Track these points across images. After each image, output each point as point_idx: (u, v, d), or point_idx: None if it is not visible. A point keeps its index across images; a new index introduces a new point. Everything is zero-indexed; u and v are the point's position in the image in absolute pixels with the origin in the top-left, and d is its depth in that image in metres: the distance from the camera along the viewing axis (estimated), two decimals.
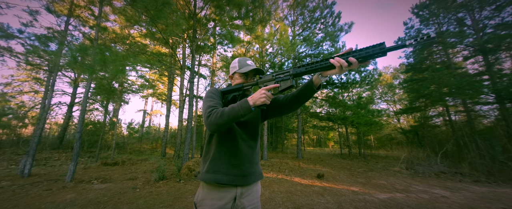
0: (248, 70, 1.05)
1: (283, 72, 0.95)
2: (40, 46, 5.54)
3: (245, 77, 1.09)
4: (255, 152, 1.06)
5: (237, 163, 0.96)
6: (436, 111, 12.33)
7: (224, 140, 0.98)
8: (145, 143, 14.13)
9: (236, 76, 1.11)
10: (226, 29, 6.82)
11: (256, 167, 1.04)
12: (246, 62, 1.08)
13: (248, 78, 1.09)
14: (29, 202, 3.15)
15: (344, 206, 3.23)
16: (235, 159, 0.96)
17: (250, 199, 0.98)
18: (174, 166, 5.78)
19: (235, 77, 1.12)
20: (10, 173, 5.26)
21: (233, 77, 1.14)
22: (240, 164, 0.96)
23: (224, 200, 0.92)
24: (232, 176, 0.94)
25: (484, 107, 9.13)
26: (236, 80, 1.11)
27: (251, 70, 1.06)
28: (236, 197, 0.94)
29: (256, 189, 1.02)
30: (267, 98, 0.83)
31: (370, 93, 14.76)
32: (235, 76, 1.12)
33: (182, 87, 8.41)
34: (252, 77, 1.10)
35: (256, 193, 1.03)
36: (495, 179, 5.43)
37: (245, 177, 0.96)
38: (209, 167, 0.96)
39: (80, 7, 6.61)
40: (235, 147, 0.97)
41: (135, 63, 5.63)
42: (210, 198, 0.92)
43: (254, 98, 0.84)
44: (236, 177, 0.94)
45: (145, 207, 3.02)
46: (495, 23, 8.65)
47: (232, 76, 1.14)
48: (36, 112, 10.46)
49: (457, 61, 11.27)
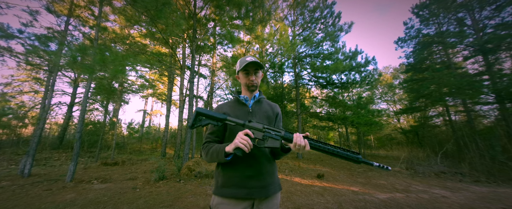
0: (245, 65, 1.01)
1: (274, 129, 0.88)
2: (40, 46, 5.54)
3: (246, 74, 1.06)
4: (273, 162, 1.03)
5: (254, 174, 0.93)
6: (436, 111, 12.33)
7: None
8: (145, 143, 14.12)
9: (240, 75, 1.09)
10: (226, 29, 6.83)
11: (274, 177, 1.01)
12: (246, 58, 1.03)
13: (249, 75, 1.05)
14: (29, 202, 3.15)
15: (344, 206, 3.23)
16: (252, 170, 0.93)
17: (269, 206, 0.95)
18: (174, 166, 5.78)
19: (240, 77, 1.11)
20: (10, 173, 5.26)
21: (239, 77, 1.12)
22: (257, 175, 0.93)
23: (241, 205, 0.90)
24: (250, 188, 0.91)
25: (484, 107, 9.13)
26: (242, 80, 1.09)
27: (250, 64, 1.02)
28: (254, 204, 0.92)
29: (275, 202, 0.98)
30: (246, 146, 0.78)
31: (370, 93, 14.77)
32: (240, 76, 1.10)
33: (182, 87, 8.40)
34: (254, 72, 1.05)
35: (275, 206, 0.98)
36: (495, 179, 5.43)
37: (264, 189, 0.93)
38: (224, 181, 0.93)
39: (80, 7, 6.61)
40: (252, 157, 0.94)
41: (135, 63, 5.63)
42: (226, 203, 0.90)
43: (232, 143, 0.81)
44: (254, 190, 0.91)
45: (145, 207, 3.02)
46: (495, 23, 8.66)
47: (239, 77, 1.13)
48: (36, 112, 10.46)
49: (457, 61, 11.27)
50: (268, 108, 1.13)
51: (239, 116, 1.01)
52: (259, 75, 1.08)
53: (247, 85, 1.07)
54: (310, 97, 13.64)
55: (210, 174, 5.04)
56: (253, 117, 1.04)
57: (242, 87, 1.14)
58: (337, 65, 8.62)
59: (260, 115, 1.07)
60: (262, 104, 1.13)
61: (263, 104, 1.14)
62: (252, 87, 1.06)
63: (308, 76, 11.25)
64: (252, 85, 1.06)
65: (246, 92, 1.11)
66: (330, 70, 8.83)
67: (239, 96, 1.11)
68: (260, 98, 1.13)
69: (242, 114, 1.04)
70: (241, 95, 1.12)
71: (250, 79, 1.05)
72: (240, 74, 1.09)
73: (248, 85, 1.07)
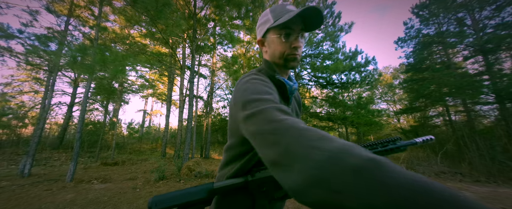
0: (291, 18, 0.52)
1: None
2: (40, 46, 5.55)
3: (287, 35, 0.56)
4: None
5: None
6: (436, 111, 12.33)
7: None
8: (145, 143, 14.13)
9: (271, 37, 0.59)
10: (225, 29, 6.83)
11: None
12: (286, 7, 0.58)
13: (291, 38, 0.56)
14: (29, 202, 3.15)
15: None
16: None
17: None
18: (174, 166, 5.78)
19: (269, 41, 0.60)
20: (10, 173, 5.26)
21: (265, 42, 0.62)
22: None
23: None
24: None
25: (484, 107, 9.13)
26: (274, 46, 0.59)
27: (296, 17, 0.53)
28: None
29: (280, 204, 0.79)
30: None
31: (370, 93, 14.78)
32: (270, 39, 0.59)
33: (182, 87, 8.41)
34: (299, 35, 0.57)
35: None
36: (495, 179, 5.42)
37: None
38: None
39: (80, 7, 6.62)
40: None
41: (135, 63, 5.63)
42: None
43: None
44: None
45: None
46: (495, 23, 8.67)
47: (263, 41, 0.63)
48: (36, 112, 10.47)
49: (457, 61, 11.26)
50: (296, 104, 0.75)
51: None
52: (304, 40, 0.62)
53: (286, 56, 0.58)
54: (310, 97, 13.64)
55: (210, 174, 5.04)
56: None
57: (270, 58, 0.62)
58: (337, 65, 8.63)
59: (294, 113, 0.72)
60: (295, 95, 0.74)
61: (296, 96, 0.75)
62: (294, 61, 0.59)
63: (308, 76, 11.25)
64: (294, 58, 0.58)
65: (280, 70, 0.62)
66: (330, 70, 8.83)
67: (283, 79, 0.61)
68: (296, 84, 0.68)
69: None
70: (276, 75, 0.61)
71: (293, 46, 0.57)
72: (272, 36, 0.59)
73: (288, 58, 0.58)
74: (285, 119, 0.35)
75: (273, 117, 0.37)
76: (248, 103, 0.44)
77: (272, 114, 0.38)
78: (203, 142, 9.79)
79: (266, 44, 0.62)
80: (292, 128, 0.32)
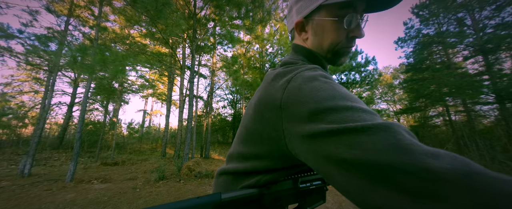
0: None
1: None
2: (40, 46, 5.56)
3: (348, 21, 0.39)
4: None
5: None
6: (436, 111, 12.33)
7: None
8: (145, 143, 14.13)
9: (324, 19, 0.41)
10: (225, 29, 6.84)
11: None
12: None
13: (353, 23, 0.40)
14: (29, 202, 3.15)
15: (344, 206, 3.23)
16: None
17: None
18: (174, 166, 5.79)
19: (318, 24, 0.42)
20: (10, 173, 5.26)
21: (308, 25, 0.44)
22: None
23: None
24: None
25: (484, 107, 9.14)
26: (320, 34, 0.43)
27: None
28: None
29: None
30: None
31: (370, 93, 14.76)
32: (319, 21, 0.42)
33: (182, 87, 8.41)
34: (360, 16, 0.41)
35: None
36: None
37: None
38: None
39: (80, 7, 6.62)
40: None
41: (135, 63, 5.63)
42: None
43: None
44: None
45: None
46: (495, 23, 8.67)
47: (304, 24, 0.45)
48: (36, 112, 10.47)
49: (457, 61, 11.27)
50: None
51: None
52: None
53: (339, 49, 0.43)
54: None
55: (210, 174, 5.04)
56: None
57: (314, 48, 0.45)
58: None
59: None
60: None
61: None
62: (346, 57, 0.45)
63: None
64: (348, 53, 0.44)
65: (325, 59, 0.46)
66: (330, 70, 8.83)
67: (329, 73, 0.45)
68: None
69: None
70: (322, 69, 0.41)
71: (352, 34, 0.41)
72: (324, 16, 0.41)
73: (341, 52, 0.43)
74: (436, 151, 0.21)
75: (406, 141, 0.22)
76: (333, 110, 0.28)
77: (402, 136, 0.23)
78: (203, 142, 9.79)
79: (312, 27, 0.43)
80: (459, 170, 0.18)
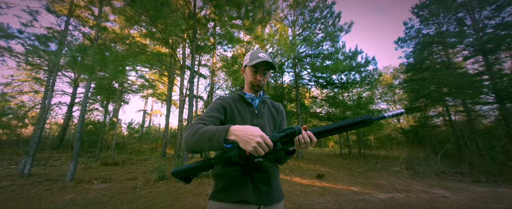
0: (257, 62, 0.89)
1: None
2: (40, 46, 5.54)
3: (255, 72, 0.94)
4: (277, 166, 0.94)
5: (264, 178, 0.84)
6: (436, 111, 12.33)
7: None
8: (145, 143, 14.13)
9: (247, 70, 0.97)
10: (225, 29, 6.83)
11: (279, 184, 0.93)
12: (258, 54, 0.92)
13: (258, 74, 0.94)
14: (29, 202, 3.15)
15: (344, 206, 3.23)
16: (262, 173, 0.84)
17: None
18: (174, 166, 5.78)
19: (246, 72, 0.99)
20: (10, 173, 5.26)
21: (245, 71, 1.01)
22: (266, 179, 0.85)
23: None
24: (259, 194, 0.81)
25: (484, 107, 9.15)
26: (247, 76, 0.98)
27: (261, 63, 0.90)
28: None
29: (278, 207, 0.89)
30: (258, 149, 0.57)
31: (370, 93, 14.77)
32: (246, 71, 0.98)
33: (182, 87, 8.40)
34: (263, 72, 0.94)
35: None
36: (495, 179, 5.42)
37: (269, 195, 0.84)
38: (227, 184, 0.80)
39: (80, 7, 6.61)
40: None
41: (135, 63, 5.63)
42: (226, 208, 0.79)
43: (241, 137, 0.60)
44: (263, 195, 0.82)
45: (145, 207, 3.02)
46: (495, 23, 8.67)
47: (244, 71, 1.02)
48: (36, 112, 10.46)
49: (457, 61, 11.27)
50: (273, 109, 1.07)
51: (244, 117, 0.93)
52: (268, 76, 0.97)
53: (252, 84, 0.96)
54: (310, 97, 13.63)
55: (210, 174, 5.04)
56: (259, 119, 0.96)
57: (246, 83, 1.03)
58: (337, 65, 8.62)
59: (266, 117, 1.00)
60: (267, 105, 1.06)
61: (268, 105, 1.07)
62: (258, 87, 0.96)
63: (308, 76, 11.25)
64: (258, 85, 0.96)
65: (249, 90, 1.01)
66: (330, 70, 8.83)
67: (244, 94, 1.00)
68: (265, 98, 1.04)
69: (247, 114, 0.95)
70: (246, 92, 1.01)
71: (257, 79, 0.94)
72: (247, 70, 0.97)
73: (254, 84, 0.96)
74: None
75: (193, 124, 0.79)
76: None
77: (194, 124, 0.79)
78: None
79: (245, 74, 1.04)
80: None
